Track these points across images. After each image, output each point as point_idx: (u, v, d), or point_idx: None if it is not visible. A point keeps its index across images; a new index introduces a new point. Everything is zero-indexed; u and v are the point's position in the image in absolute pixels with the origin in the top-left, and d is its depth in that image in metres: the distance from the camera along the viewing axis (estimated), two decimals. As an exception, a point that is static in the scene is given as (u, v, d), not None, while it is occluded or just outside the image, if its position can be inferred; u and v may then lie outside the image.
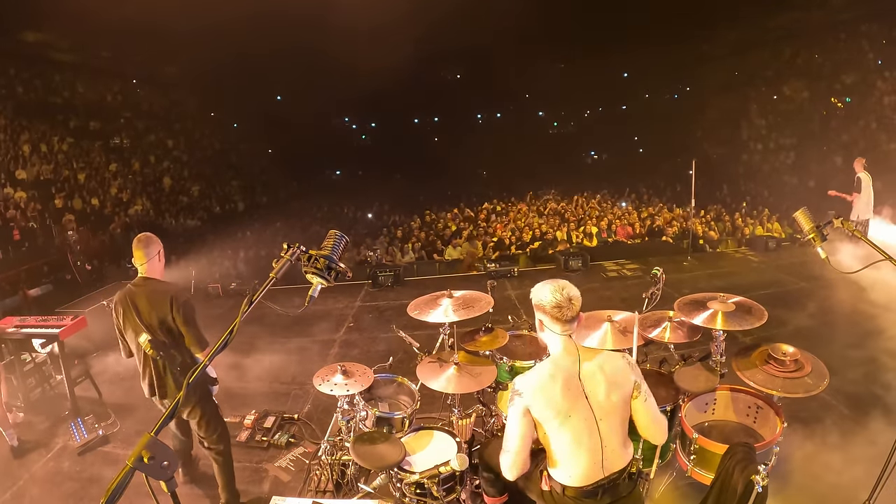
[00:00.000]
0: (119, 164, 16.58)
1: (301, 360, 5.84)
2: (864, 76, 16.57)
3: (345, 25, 15.49)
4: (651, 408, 2.23)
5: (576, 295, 2.15)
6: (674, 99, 26.35)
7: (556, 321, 2.14)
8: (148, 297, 3.10)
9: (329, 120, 28.72)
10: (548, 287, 2.17)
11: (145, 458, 1.24)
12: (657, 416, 2.26)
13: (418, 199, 19.90)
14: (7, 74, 16.27)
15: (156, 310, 3.08)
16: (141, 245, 3.16)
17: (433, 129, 30.78)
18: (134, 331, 3.13)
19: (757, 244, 10.16)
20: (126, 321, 3.15)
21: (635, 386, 2.17)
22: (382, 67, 18.34)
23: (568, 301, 2.12)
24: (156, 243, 3.21)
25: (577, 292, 2.17)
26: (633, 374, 2.19)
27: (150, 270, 3.18)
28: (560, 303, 2.11)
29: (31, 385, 4.93)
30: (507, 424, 2.21)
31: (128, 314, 3.13)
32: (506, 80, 25.93)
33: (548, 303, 2.14)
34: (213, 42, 16.39)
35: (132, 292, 3.14)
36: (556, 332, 2.17)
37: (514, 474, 2.22)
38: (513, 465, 2.20)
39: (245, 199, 20.23)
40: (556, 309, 2.12)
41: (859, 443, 3.53)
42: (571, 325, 2.16)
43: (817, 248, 2.75)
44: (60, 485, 3.83)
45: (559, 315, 2.12)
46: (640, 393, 2.19)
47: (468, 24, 17.95)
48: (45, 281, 9.41)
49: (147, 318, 3.09)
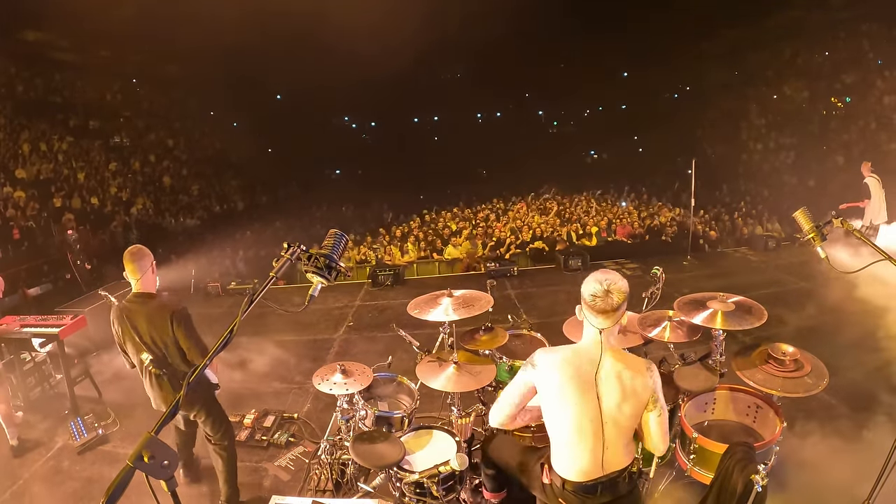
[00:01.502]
0: (119, 164, 16.55)
1: (301, 359, 5.84)
2: (864, 76, 16.55)
3: (345, 24, 15.47)
4: (663, 424, 2.17)
5: (617, 289, 2.06)
6: (674, 99, 26.33)
7: (591, 310, 2.11)
8: (147, 317, 3.06)
9: (329, 119, 28.70)
10: (593, 277, 2.12)
11: (145, 458, 1.24)
12: (664, 434, 2.20)
13: (418, 198, 19.90)
14: (7, 73, 16.24)
15: (156, 329, 3.05)
16: (133, 258, 3.08)
17: (433, 128, 30.75)
18: (135, 348, 3.13)
19: (757, 243, 10.16)
20: (126, 339, 3.14)
21: (652, 399, 2.13)
22: (383, 67, 18.33)
23: (605, 293, 2.05)
24: (147, 256, 3.14)
25: (621, 286, 2.07)
26: (653, 386, 2.13)
27: (143, 285, 3.12)
28: (597, 293, 2.06)
29: (30, 384, 4.94)
30: (511, 382, 2.29)
31: (126, 333, 3.11)
32: (506, 79, 25.90)
33: (586, 291, 2.10)
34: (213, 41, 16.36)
35: (129, 311, 3.09)
36: (591, 322, 2.13)
37: (495, 424, 2.38)
38: (496, 415, 2.35)
39: (245, 198, 20.22)
40: (592, 297, 2.08)
41: (859, 442, 3.53)
42: (605, 319, 2.09)
43: (817, 248, 2.75)
44: (60, 484, 3.83)
45: (592, 304, 2.08)
46: (656, 407, 2.14)
47: (468, 23, 17.94)
48: (44, 280, 9.42)
49: (147, 338, 3.07)
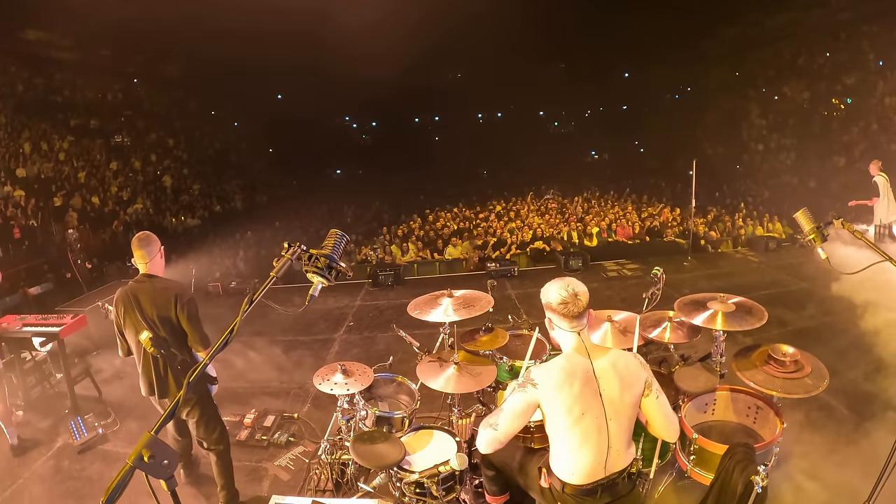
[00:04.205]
0: (119, 163, 16.55)
1: (301, 359, 5.84)
2: (865, 76, 16.55)
3: (346, 24, 15.48)
4: (664, 405, 2.22)
5: (582, 290, 2.15)
6: (674, 99, 26.33)
7: (564, 318, 2.14)
8: (151, 295, 3.09)
9: (329, 119, 28.71)
10: (554, 285, 2.18)
11: (145, 457, 1.24)
12: (670, 414, 2.24)
13: (418, 198, 19.91)
14: (8, 72, 16.23)
15: (159, 307, 3.07)
16: (141, 244, 3.14)
17: (433, 128, 30.79)
18: (134, 327, 3.11)
19: (757, 244, 10.16)
20: (126, 318, 3.13)
21: (647, 384, 2.16)
22: (383, 67, 18.34)
23: (574, 297, 2.12)
24: (155, 241, 3.20)
25: (584, 288, 2.17)
26: (644, 372, 2.18)
27: (151, 268, 3.17)
28: (566, 299, 2.12)
29: (30, 384, 4.93)
30: (507, 405, 2.18)
31: (129, 311, 3.11)
32: (506, 79, 25.91)
33: (554, 300, 2.14)
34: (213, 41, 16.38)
35: (134, 289, 3.13)
36: (565, 329, 2.17)
37: (488, 451, 2.26)
38: (492, 442, 2.21)
39: (245, 198, 20.21)
40: (562, 305, 2.12)
41: (859, 443, 3.53)
42: (580, 322, 2.15)
43: (817, 249, 2.75)
44: (60, 483, 3.83)
45: (566, 311, 2.12)
46: (652, 391, 2.18)
47: (469, 23, 17.95)
48: (45, 279, 9.42)
49: (149, 314, 3.07)
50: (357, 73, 19.85)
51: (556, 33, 20.88)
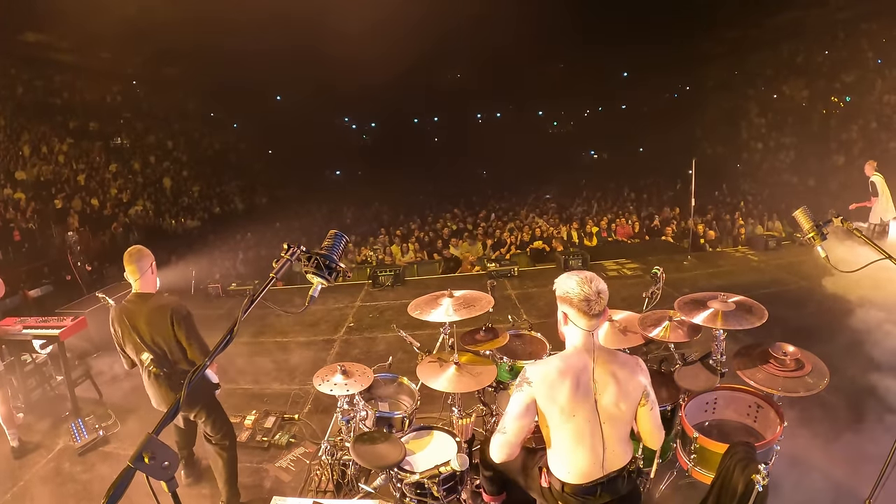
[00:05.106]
0: (119, 165, 16.58)
1: (301, 360, 5.84)
2: (864, 75, 16.55)
3: (346, 24, 15.49)
4: (654, 417, 2.21)
5: (604, 288, 2.06)
6: (674, 98, 26.34)
7: (584, 315, 2.05)
8: (146, 315, 3.06)
9: (329, 120, 28.72)
10: (574, 279, 2.07)
11: (146, 458, 1.24)
12: (658, 425, 2.24)
13: (418, 199, 19.91)
14: (7, 75, 16.26)
15: (156, 328, 3.05)
16: (133, 259, 3.09)
17: (433, 128, 30.81)
18: (135, 348, 3.12)
19: (757, 243, 10.15)
20: (126, 339, 3.13)
21: (644, 394, 2.15)
22: (383, 67, 18.35)
23: (597, 294, 2.02)
24: (147, 256, 3.15)
25: (605, 286, 2.07)
26: (644, 381, 2.15)
27: (143, 285, 3.13)
28: (589, 296, 2.02)
29: (31, 386, 4.93)
30: (509, 408, 2.15)
31: (126, 334, 3.10)
32: (506, 80, 25.93)
33: (575, 295, 2.04)
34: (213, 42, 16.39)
35: (129, 312, 3.09)
36: (580, 326, 2.08)
37: (501, 458, 2.18)
38: (503, 447, 2.15)
39: (245, 199, 20.23)
40: (585, 303, 2.02)
41: (859, 442, 3.52)
42: (597, 321, 2.07)
43: (817, 248, 2.75)
44: (61, 485, 3.83)
45: (587, 309, 2.03)
46: (647, 402, 2.16)
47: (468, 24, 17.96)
48: (45, 281, 9.41)
49: (147, 336, 3.06)
50: (357, 73, 19.88)
51: (555, 33, 20.87)
